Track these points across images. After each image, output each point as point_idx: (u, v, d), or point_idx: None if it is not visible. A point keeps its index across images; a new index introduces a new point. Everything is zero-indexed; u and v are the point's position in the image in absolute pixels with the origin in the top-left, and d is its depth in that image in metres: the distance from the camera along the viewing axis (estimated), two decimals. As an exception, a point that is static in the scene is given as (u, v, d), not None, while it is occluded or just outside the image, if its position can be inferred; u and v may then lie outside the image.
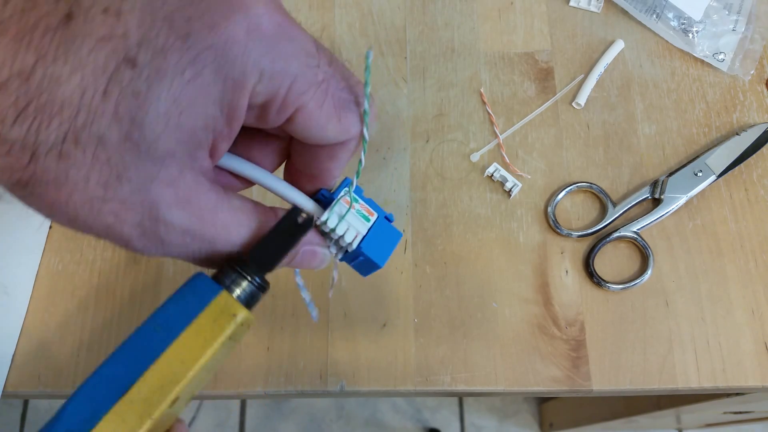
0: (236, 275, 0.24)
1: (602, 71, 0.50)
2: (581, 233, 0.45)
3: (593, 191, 0.46)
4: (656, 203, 0.46)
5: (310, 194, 0.27)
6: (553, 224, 0.45)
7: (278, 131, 0.24)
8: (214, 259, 0.23)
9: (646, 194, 0.46)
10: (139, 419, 0.22)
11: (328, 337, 0.43)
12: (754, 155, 0.47)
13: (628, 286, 0.44)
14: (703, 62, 0.51)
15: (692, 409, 0.66)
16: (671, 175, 0.46)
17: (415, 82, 0.50)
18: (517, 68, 0.50)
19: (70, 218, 0.19)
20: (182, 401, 0.24)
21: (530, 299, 0.44)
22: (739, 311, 0.43)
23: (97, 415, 0.22)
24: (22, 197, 0.19)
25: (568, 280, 0.44)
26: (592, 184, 0.46)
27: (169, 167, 0.20)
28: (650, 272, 0.44)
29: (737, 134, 0.47)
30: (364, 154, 0.25)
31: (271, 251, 0.25)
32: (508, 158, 0.47)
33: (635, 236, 0.45)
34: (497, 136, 0.48)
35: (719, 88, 0.50)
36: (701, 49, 0.50)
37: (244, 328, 0.25)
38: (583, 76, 0.50)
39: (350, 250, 0.27)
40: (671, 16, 0.51)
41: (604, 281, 0.44)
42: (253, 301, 0.25)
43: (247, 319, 0.24)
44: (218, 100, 0.20)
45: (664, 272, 0.44)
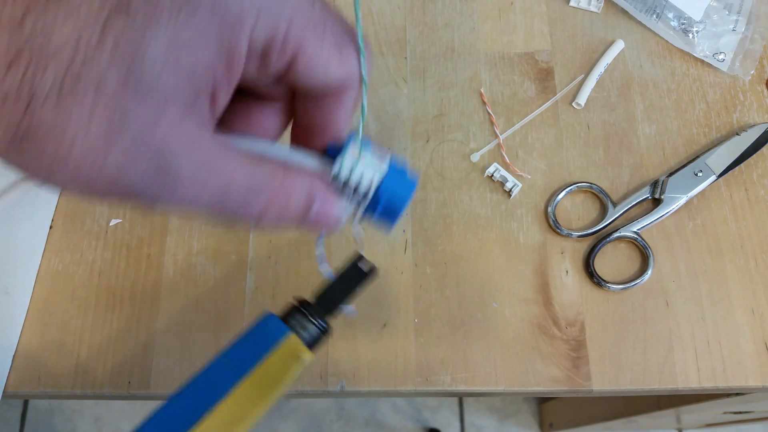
0: (302, 318, 0.26)
1: (602, 71, 0.50)
2: (581, 233, 0.45)
3: (593, 191, 0.46)
4: (656, 203, 0.46)
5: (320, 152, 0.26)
6: (553, 224, 0.45)
7: (279, 90, 0.23)
8: (227, 213, 0.22)
9: (646, 194, 0.46)
10: None
11: (328, 337, 0.43)
12: (754, 155, 0.47)
13: (628, 286, 0.44)
14: (703, 62, 0.51)
15: (692, 409, 0.66)
16: (671, 175, 0.46)
17: (415, 82, 0.50)
18: (517, 68, 0.50)
19: (71, 175, 0.18)
20: None
21: (530, 299, 0.44)
22: (739, 311, 0.43)
23: None
24: (19, 158, 0.18)
25: (568, 280, 0.44)
26: (592, 184, 0.46)
27: (170, 113, 0.19)
28: (650, 272, 0.44)
29: (737, 134, 0.47)
30: (365, 98, 0.24)
31: (335, 297, 0.27)
32: (508, 158, 0.47)
33: (635, 236, 0.45)
34: (497, 136, 0.48)
35: (719, 88, 0.50)
36: (701, 49, 0.50)
37: (304, 368, 0.26)
38: (583, 76, 0.50)
39: (369, 193, 0.25)
40: (671, 16, 0.51)
41: (604, 281, 0.44)
42: (315, 343, 0.27)
43: (311, 361, 0.26)
44: (216, 41, 0.19)
45: (664, 272, 0.44)
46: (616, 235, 0.45)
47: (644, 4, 0.51)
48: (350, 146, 0.25)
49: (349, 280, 0.27)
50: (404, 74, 0.50)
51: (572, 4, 0.53)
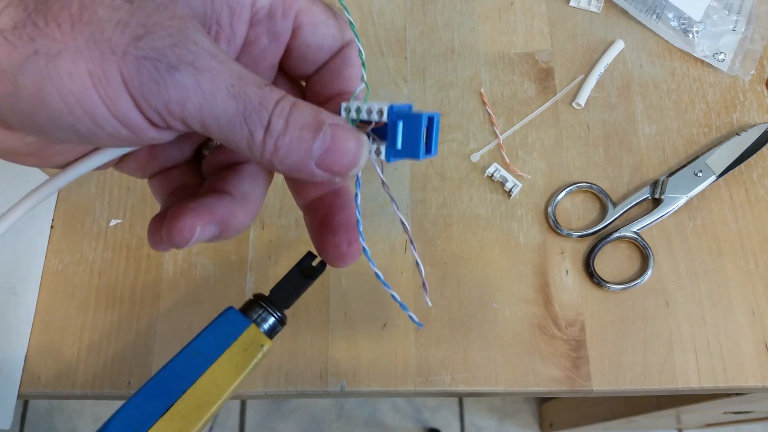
0: (262, 310, 0.29)
1: (602, 71, 0.50)
2: (581, 233, 0.45)
3: (593, 191, 0.46)
4: (656, 203, 0.46)
5: None
6: (553, 224, 0.45)
7: (290, 64, 0.26)
8: (239, 119, 0.21)
9: (646, 194, 0.46)
10: None
11: (328, 337, 0.43)
12: (754, 155, 0.47)
13: (628, 286, 0.44)
14: (703, 62, 0.51)
15: (692, 409, 0.66)
16: (671, 175, 0.46)
17: (415, 82, 0.50)
18: (517, 68, 0.50)
19: (88, 42, 0.18)
20: (211, 420, 0.26)
21: (530, 299, 0.44)
22: (739, 311, 0.43)
23: (139, 431, 0.25)
24: (31, 31, 0.18)
25: (568, 280, 0.44)
26: (592, 184, 0.46)
27: (187, 9, 0.20)
28: (650, 272, 0.44)
29: (737, 134, 0.47)
30: (362, 55, 0.25)
31: (288, 290, 0.29)
32: (508, 158, 0.47)
33: (635, 236, 0.45)
34: (497, 136, 0.48)
35: (719, 88, 0.50)
36: (701, 49, 0.50)
37: (264, 357, 0.28)
38: (583, 76, 0.50)
39: (383, 117, 0.24)
40: (671, 16, 0.51)
41: (604, 281, 0.44)
42: (274, 333, 0.29)
43: (270, 348, 0.28)
44: None
45: (664, 272, 0.44)
46: (616, 235, 0.45)
47: (644, 4, 0.51)
48: (358, 92, 0.26)
49: (300, 275, 0.30)
50: (404, 74, 0.50)
51: (572, 4, 0.53)
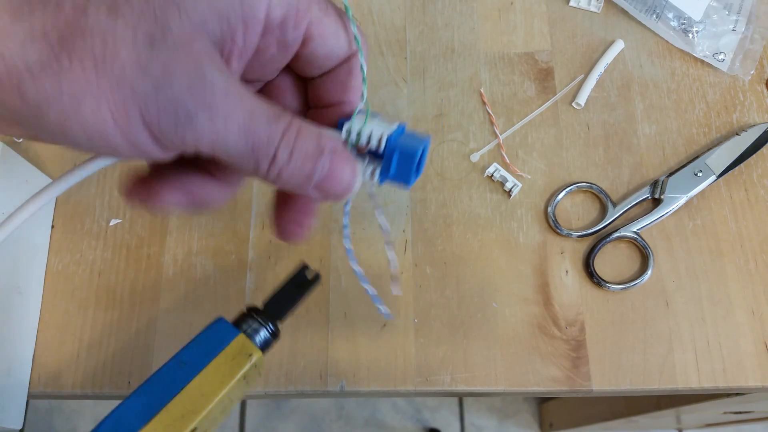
0: (253, 321, 0.28)
1: (602, 71, 0.50)
2: (581, 233, 0.45)
3: (593, 191, 0.46)
4: (656, 203, 0.46)
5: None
6: (553, 224, 0.45)
7: (296, 65, 0.25)
8: (249, 150, 0.22)
9: (646, 194, 0.46)
10: None
11: (328, 337, 0.43)
12: (754, 155, 0.47)
13: (628, 286, 0.44)
14: (703, 62, 0.51)
15: (692, 409, 0.66)
16: (671, 175, 0.46)
17: (415, 82, 0.50)
18: (517, 68, 0.50)
19: (111, 84, 0.19)
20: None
21: (530, 299, 0.44)
22: (739, 311, 0.43)
23: None
24: (56, 69, 0.18)
25: (568, 280, 0.44)
26: (592, 184, 0.46)
27: (203, 40, 0.20)
28: (650, 272, 0.44)
29: (737, 134, 0.47)
30: (364, 61, 0.25)
31: (282, 303, 0.29)
32: (508, 158, 0.47)
33: (635, 236, 0.45)
34: (497, 136, 0.48)
35: (719, 88, 0.50)
36: (701, 49, 0.50)
37: (257, 370, 0.28)
38: (583, 76, 0.50)
39: (381, 146, 0.25)
40: (671, 16, 0.51)
41: (604, 281, 0.44)
42: (266, 345, 0.29)
43: (260, 360, 0.28)
44: (239, 3, 0.21)
45: (664, 272, 0.44)
46: (616, 235, 0.45)
47: (644, 4, 0.51)
48: (358, 113, 0.26)
49: (294, 287, 0.29)
50: (404, 74, 0.50)
51: (572, 4, 0.53)
